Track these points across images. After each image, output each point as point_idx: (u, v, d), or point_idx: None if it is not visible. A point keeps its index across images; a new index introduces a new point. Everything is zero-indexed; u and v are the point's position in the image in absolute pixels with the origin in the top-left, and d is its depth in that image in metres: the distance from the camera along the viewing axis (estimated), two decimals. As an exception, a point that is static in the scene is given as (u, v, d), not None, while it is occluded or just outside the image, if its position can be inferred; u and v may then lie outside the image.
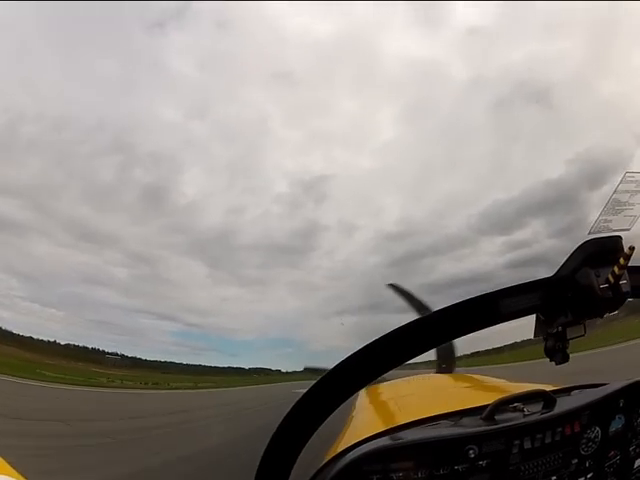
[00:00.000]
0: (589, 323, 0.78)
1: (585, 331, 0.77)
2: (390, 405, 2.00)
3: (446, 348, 4.35)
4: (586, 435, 1.02)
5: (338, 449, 1.12)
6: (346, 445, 1.10)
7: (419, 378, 2.64)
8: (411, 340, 0.69)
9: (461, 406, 1.21)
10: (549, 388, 1.26)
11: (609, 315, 0.74)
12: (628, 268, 0.68)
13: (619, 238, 0.71)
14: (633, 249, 0.67)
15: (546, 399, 1.07)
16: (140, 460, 6.47)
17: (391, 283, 4.79)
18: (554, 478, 0.99)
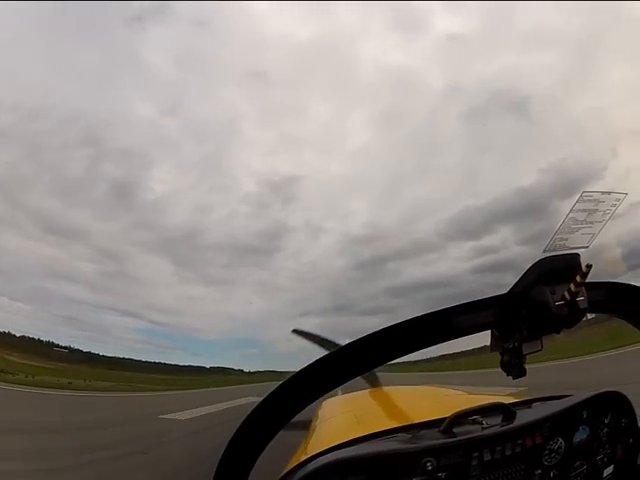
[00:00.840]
0: (546, 338, 0.78)
1: (542, 346, 0.77)
2: (350, 417, 2.01)
3: None
4: (548, 446, 1.02)
5: (297, 461, 1.10)
6: (305, 457, 1.08)
7: (380, 390, 2.66)
8: (367, 353, 0.71)
9: (420, 419, 1.21)
10: (510, 400, 1.27)
11: (567, 331, 0.75)
12: (587, 284, 0.69)
13: (577, 255, 0.72)
14: (590, 267, 0.67)
15: (505, 412, 1.07)
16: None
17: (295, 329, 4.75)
18: None
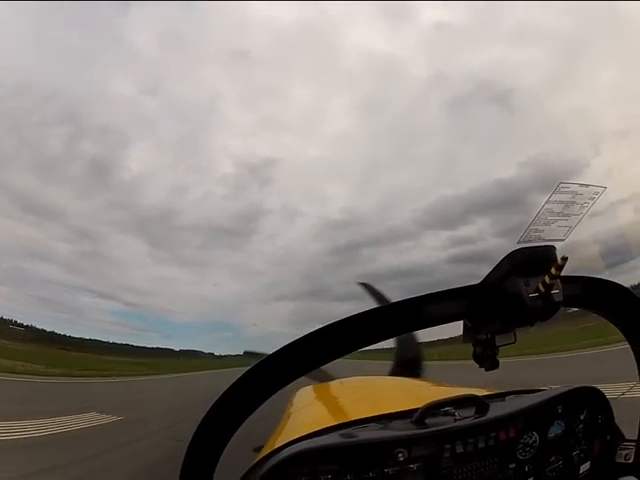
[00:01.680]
0: (520, 331, 0.78)
1: (515, 339, 0.77)
2: (323, 406, 2.01)
3: None
4: (522, 440, 1.02)
5: (270, 448, 1.09)
6: (277, 445, 1.08)
7: (355, 380, 2.66)
8: (338, 339, 0.70)
9: (393, 409, 1.20)
10: (483, 393, 1.27)
11: (541, 324, 0.74)
12: (562, 278, 0.68)
13: (552, 248, 0.71)
14: (566, 259, 0.66)
15: (478, 404, 1.07)
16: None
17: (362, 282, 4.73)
18: None
